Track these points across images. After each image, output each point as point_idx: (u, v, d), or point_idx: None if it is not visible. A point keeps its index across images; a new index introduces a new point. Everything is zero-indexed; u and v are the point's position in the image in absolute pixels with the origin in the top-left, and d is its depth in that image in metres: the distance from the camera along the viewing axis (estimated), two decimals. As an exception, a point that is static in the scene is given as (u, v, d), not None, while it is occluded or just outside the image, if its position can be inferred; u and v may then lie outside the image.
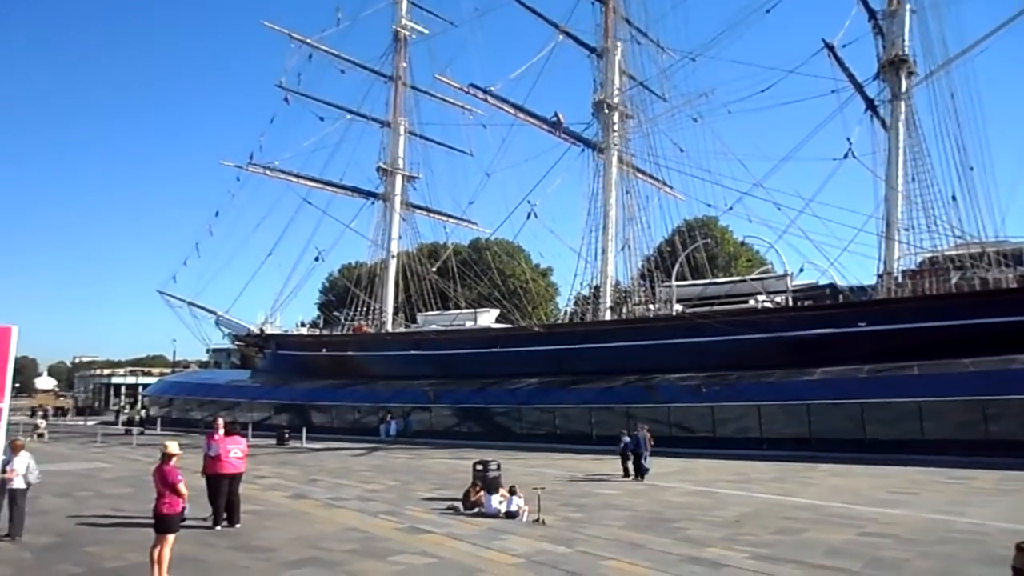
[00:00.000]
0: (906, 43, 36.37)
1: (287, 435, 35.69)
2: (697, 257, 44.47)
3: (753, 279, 39.56)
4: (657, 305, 40.90)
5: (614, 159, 42.87)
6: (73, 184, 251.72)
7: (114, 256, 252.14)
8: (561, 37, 42.98)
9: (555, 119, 42.64)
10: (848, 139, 35.02)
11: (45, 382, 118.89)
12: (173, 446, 9.89)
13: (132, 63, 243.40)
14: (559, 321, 49.29)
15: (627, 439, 22.11)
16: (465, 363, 40.51)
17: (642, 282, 44.18)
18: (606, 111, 43.17)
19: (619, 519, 14.23)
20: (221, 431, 13.92)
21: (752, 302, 35.92)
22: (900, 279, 34.83)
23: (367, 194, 52.51)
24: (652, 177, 44.94)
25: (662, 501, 16.87)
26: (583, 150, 43.66)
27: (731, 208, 37.63)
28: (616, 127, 43.38)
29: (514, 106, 42.37)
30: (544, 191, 42.65)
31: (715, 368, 32.73)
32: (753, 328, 32.65)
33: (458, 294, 50.43)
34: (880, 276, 35.17)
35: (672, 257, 43.05)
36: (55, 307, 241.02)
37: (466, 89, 43.47)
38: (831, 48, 35.37)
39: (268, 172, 49.19)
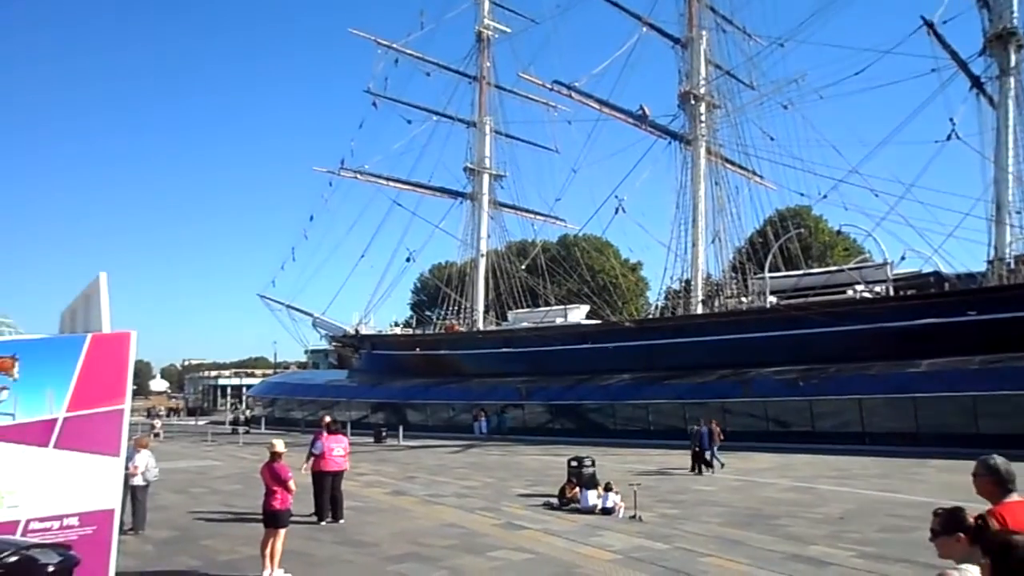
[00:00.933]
0: (1015, 14, 34.28)
1: (384, 433, 36.48)
2: (790, 248, 43.26)
3: (851, 269, 38.15)
4: (750, 297, 40.00)
5: (702, 150, 42.13)
6: (181, 197, 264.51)
7: (218, 262, 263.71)
8: (644, 29, 42.44)
9: (641, 112, 42.17)
10: (951, 120, 33.49)
11: (158, 384, 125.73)
12: (280, 445, 10.34)
13: (227, 74, 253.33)
14: (650, 316, 48.72)
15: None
16: (557, 360, 40.54)
17: (734, 274, 43.27)
18: (692, 102, 42.41)
19: (717, 515, 14.03)
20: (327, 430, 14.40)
21: (849, 292, 34.67)
22: (1013, 265, 32.97)
23: (455, 194, 53.24)
24: (741, 167, 44.03)
25: (761, 498, 16.53)
26: (670, 142, 43.09)
27: (825, 196, 36.67)
28: (703, 118, 42.59)
29: (599, 101, 42.18)
30: (631, 185, 42.42)
31: (812, 361, 31.72)
32: (852, 319, 31.47)
33: (548, 291, 50.59)
34: (990, 262, 33.36)
35: (764, 248, 41.94)
36: (166, 313, 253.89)
37: (550, 86, 43.56)
38: (931, 25, 33.72)
39: (359, 176, 50.47)
